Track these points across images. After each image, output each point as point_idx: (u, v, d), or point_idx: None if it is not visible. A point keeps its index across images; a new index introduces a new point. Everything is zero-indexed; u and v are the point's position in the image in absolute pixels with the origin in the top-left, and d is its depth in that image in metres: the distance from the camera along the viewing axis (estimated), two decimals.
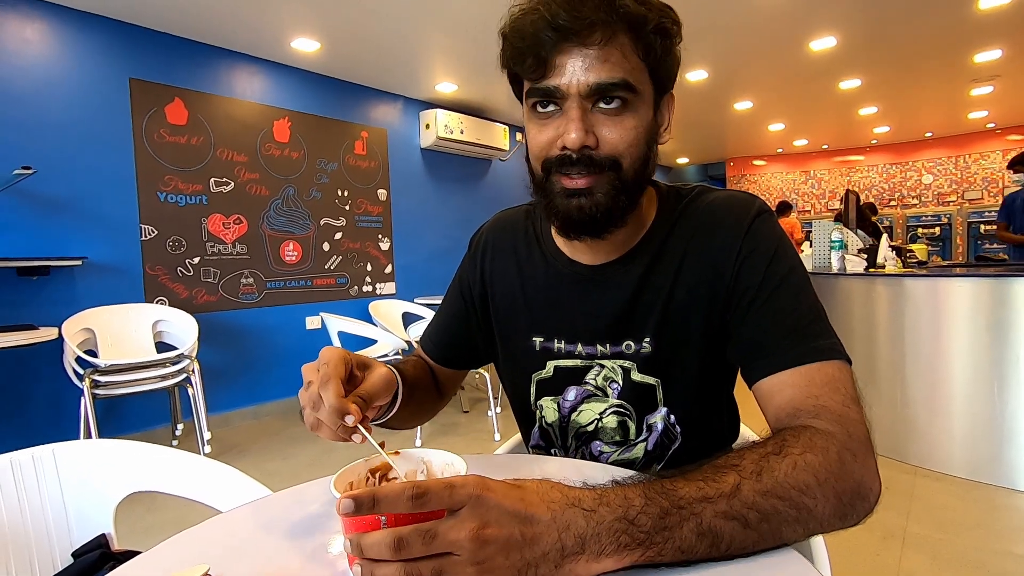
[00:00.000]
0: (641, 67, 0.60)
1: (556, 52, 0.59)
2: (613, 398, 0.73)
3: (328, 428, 0.56)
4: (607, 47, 0.58)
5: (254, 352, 3.70)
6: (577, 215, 0.62)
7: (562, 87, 0.59)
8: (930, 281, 2.55)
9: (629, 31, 0.59)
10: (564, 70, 0.59)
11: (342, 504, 0.37)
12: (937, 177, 8.29)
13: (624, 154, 0.61)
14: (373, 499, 0.37)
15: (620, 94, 0.59)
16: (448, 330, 0.87)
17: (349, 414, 0.54)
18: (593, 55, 0.58)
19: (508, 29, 0.62)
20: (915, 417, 2.59)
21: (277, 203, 3.81)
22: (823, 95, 5.57)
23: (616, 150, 0.61)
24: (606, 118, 0.60)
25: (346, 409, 0.54)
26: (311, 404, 0.56)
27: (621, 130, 0.60)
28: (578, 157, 0.60)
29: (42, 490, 0.89)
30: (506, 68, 0.65)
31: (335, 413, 0.54)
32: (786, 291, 0.63)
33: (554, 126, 0.62)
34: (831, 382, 0.57)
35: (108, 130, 3.06)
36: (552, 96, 0.60)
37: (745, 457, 0.48)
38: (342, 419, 0.54)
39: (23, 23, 2.80)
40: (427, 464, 0.57)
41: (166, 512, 2.19)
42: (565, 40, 0.58)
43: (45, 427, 2.82)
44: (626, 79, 0.59)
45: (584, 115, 0.59)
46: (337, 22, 3.28)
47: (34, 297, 2.80)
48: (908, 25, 3.79)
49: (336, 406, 0.54)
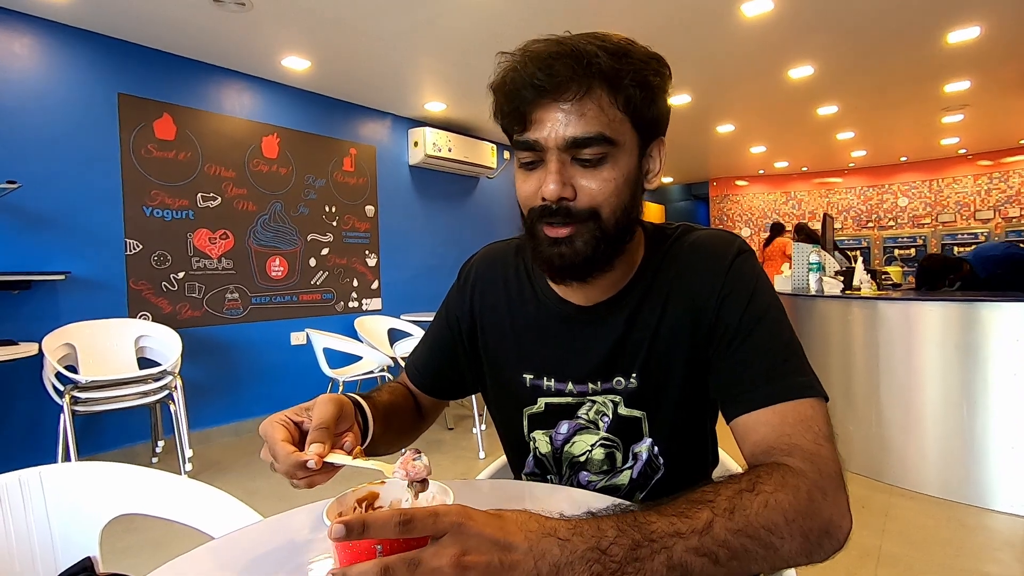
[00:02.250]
0: (621, 118, 0.62)
1: (535, 108, 0.61)
2: (604, 431, 0.75)
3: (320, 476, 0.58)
4: (583, 101, 0.60)
5: (238, 368, 3.67)
6: (559, 262, 0.65)
7: (541, 140, 0.62)
8: (902, 304, 2.63)
9: (606, 84, 0.60)
10: (543, 125, 0.61)
11: (333, 529, 0.39)
12: (912, 200, 8.53)
13: (603, 204, 0.63)
14: (363, 524, 0.39)
15: (597, 149, 0.61)
16: (434, 360, 0.88)
17: (307, 459, 0.55)
18: (569, 110, 0.60)
19: (495, 85, 0.65)
20: (890, 437, 2.65)
21: (264, 219, 3.82)
22: (802, 120, 5.74)
23: (594, 201, 0.63)
24: (584, 170, 0.62)
25: (299, 459, 0.55)
26: (287, 473, 0.58)
27: (599, 181, 0.62)
28: (557, 208, 0.62)
29: (28, 513, 0.89)
30: (497, 121, 0.68)
31: (297, 467, 0.55)
32: (763, 329, 0.65)
33: (536, 177, 0.64)
34: (804, 420, 0.59)
35: (95, 145, 3.05)
36: (533, 149, 0.63)
37: (720, 493, 0.50)
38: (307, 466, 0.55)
39: (11, 37, 2.80)
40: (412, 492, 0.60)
41: (146, 533, 2.16)
42: (541, 97, 0.60)
43: (23, 444, 2.76)
44: (602, 132, 0.60)
45: (562, 168, 0.62)
46: (328, 41, 3.33)
47: (15, 312, 2.76)
48: (881, 57, 3.94)
49: (292, 462, 0.55)
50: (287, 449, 0.56)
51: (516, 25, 3.17)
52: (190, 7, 2.84)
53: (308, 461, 0.54)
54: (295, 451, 0.56)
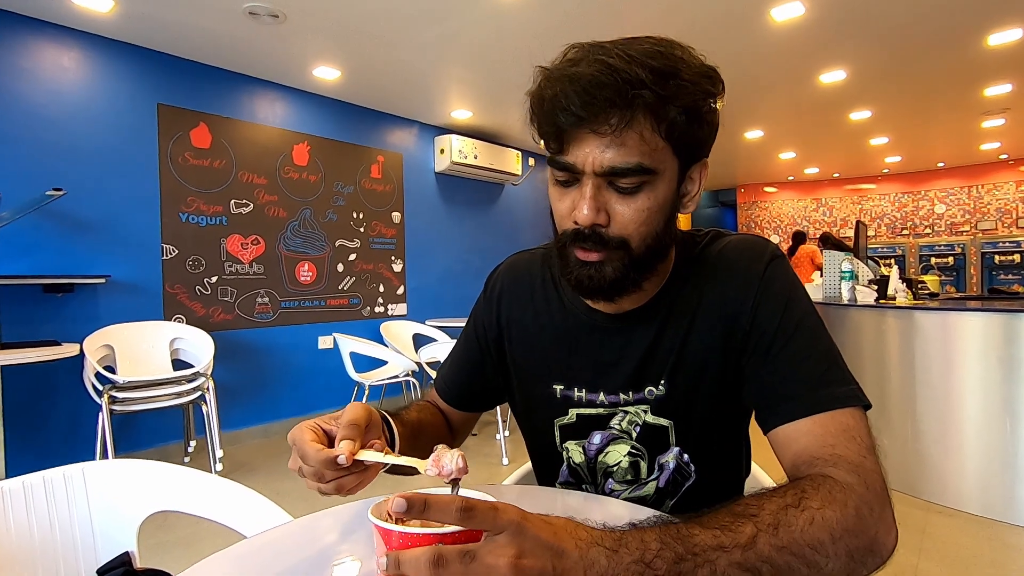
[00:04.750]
0: (663, 146, 0.60)
1: (572, 133, 0.59)
2: (636, 440, 0.74)
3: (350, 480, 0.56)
4: (623, 132, 0.57)
5: (267, 371, 3.75)
6: (588, 284, 0.64)
7: (577, 164, 0.60)
8: (941, 315, 2.54)
9: (650, 114, 0.58)
10: (581, 148, 0.59)
11: (395, 503, 0.39)
12: (950, 207, 8.26)
13: (633, 234, 0.62)
14: (424, 503, 0.39)
15: (634, 179, 0.59)
16: (462, 372, 0.87)
17: (338, 455, 0.52)
18: (607, 141, 0.58)
19: (534, 96, 0.62)
20: (927, 452, 2.56)
21: (294, 224, 3.90)
22: (833, 126, 5.62)
23: (626, 230, 0.62)
24: (620, 196, 0.61)
25: (329, 455, 0.52)
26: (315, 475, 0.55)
27: (633, 210, 0.61)
28: (589, 233, 0.62)
29: (72, 507, 0.92)
30: (530, 129, 0.66)
31: (327, 465, 0.53)
32: (802, 337, 0.64)
33: (571, 197, 0.63)
34: (847, 430, 0.57)
35: (136, 153, 3.17)
36: (569, 170, 0.61)
37: (764, 507, 0.49)
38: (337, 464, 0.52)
39: (61, 51, 2.94)
40: None
41: (178, 530, 2.22)
42: (579, 126, 0.58)
43: (62, 441, 2.87)
44: (641, 163, 0.58)
45: (597, 193, 0.60)
46: (358, 51, 3.40)
47: (57, 314, 2.88)
48: (918, 60, 3.84)
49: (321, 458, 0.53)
50: (316, 447, 0.54)
51: (543, 34, 3.19)
52: (227, 20, 2.93)
53: (338, 457, 0.52)
54: (325, 448, 0.54)
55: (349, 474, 0.55)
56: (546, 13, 2.97)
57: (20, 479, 0.86)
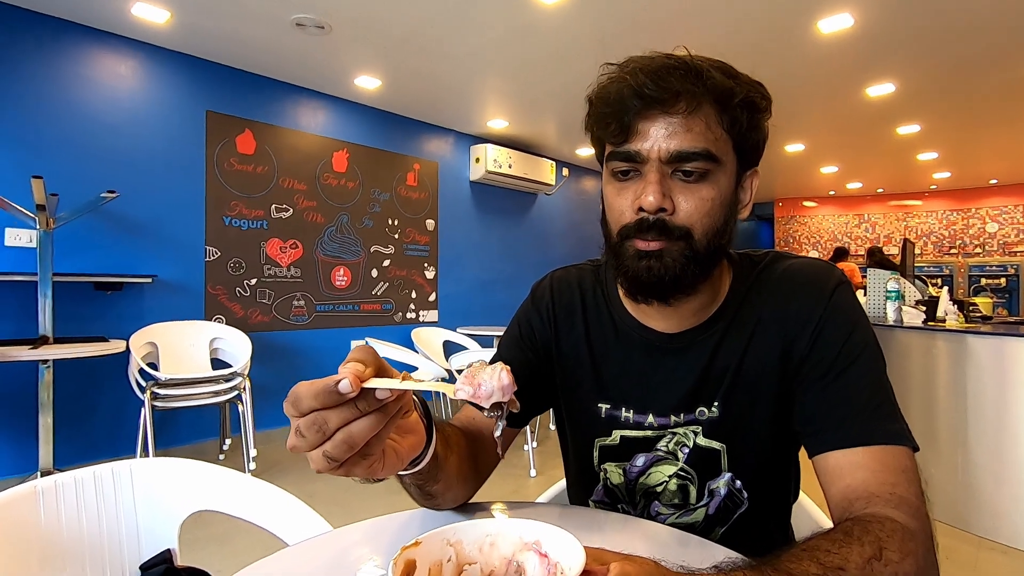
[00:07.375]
0: (725, 139, 0.61)
1: (639, 118, 0.60)
2: (683, 462, 0.71)
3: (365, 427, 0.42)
4: (691, 116, 0.59)
5: (301, 372, 3.81)
6: (646, 276, 0.62)
7: (643, 151, 0.60)
8: (996, 340, 2.42)
9: (715, 102, 0.59)
10: (647, 135, 0.60)
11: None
12: (1003, 226, 7.90)
13: (696, 224, 0.61)
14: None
15: (700, 164, 0.60)
16: None
17: (340, 379, 0.40)
18: (676, 123, 0.59)
19: (595, 95, 0.63)
20: (979, 484, 2.43)
21: (331, 230, 3.98)
22: (879, 139, 5.44)
23: (690, 219, 0.61)
24: (684, 186, 0.61)
25: (328, 383, 0.40)
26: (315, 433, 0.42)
27: (697, 200, 0.61)
28: (654, 220, 0.61)
29: (118, 502, 0.95)
30: (589, 131, 0.66)
31: (327, 394, 0.41)
32: (862, 366, 0.62)
33: (632, 190, 0.62)
34: (905, 471, 0.56)
35: (184, 158, 3.29)
36: (632, 160, 0.61)
37: (849, 559, 0.47)
38: (339, 391, 0.40)
39: (118, 60, 3.07)
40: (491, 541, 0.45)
41: (212, 527, 2.26)
42: (649, 108, 0.59)
43: (106, 434, 2.97)
44: (708, 149, 0.59)
45: (662, 179, 0.60)
46: (400, 61, 3.46)
47: (106, 311, 2.99)
48: (971, 73, 3.70)
49: (317, 389, 0.41)
50: (309, 383, 0.41)
51: (583, 45, 3.19)
52: (275, 30, 3.02)
53: (340, 382, 0.39)
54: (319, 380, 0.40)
55: (360, 416, 0.41)
56: (586, 24, 2.97)
57: (71, 473, 0.89)
